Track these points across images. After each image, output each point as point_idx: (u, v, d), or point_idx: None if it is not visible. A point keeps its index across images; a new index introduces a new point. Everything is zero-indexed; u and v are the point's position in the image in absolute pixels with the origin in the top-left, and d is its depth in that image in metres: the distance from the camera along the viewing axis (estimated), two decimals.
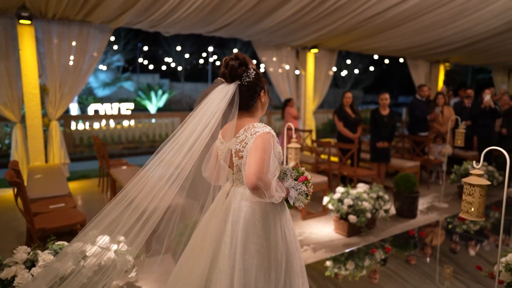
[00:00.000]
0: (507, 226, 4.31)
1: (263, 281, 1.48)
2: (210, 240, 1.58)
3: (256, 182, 1.38)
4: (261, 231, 1.51)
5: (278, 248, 1.53)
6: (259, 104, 1.65)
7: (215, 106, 1.54)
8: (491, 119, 6.28)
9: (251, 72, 1.59)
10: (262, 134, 1.49)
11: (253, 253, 1.49)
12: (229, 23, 5.89)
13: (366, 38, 7.35)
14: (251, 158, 1.44)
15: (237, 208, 1.54)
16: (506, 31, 7.37)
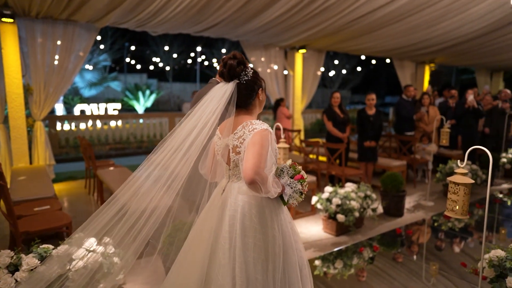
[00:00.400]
0: (490, 223, 4.42)
1: (261, 273, 1.52)
2: (207, 236, 1.61)
3: (253, 177, 1.42)
4: (257, 225, 1.54)
5: (275, 241, 1.57)
6: (257, 102, 1.70)
7: (214, 104, 1.58)
8: (474, 119, 6.42)
9: (249, 71, 1.63)
10: (260, 130, 1.53)
11: (251, 247, 1.53)
12: (217, 23, 5.87)
13: (354, 38, 7.43)
14: (248, 153, 1.47)
15: (234, 203, 1.57)
16: (488, 33, 7.55)
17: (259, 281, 1.52)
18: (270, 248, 1.55)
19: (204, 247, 1.60)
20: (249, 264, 1.52)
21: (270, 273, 1.54)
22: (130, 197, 1.69)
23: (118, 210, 1.69)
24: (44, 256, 2.18)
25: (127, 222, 1.70)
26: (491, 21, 6.79)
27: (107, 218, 1.68)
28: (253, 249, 1.53)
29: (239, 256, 1.51)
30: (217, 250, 1.57)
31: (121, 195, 1.70)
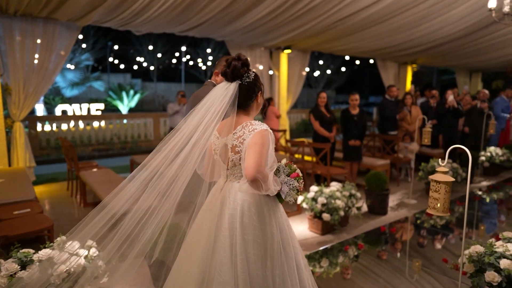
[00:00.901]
0: (470, 220, 4.54)
1: (261, 269, 1.58)
2: (206, 234, 1.64)
3: (255, 175, 1.48)
4: (257, 222, 1.59)
5: (273, 238, 1.62)
6: (255, 104, 1.74)
7: (218, 104, 1.61)
8: (454, 118, 6.59)
9: (251, 73, 1.69)
10: (260, 130, 1.59)
11: (251, 244, 1.58)
12: (202, 23, 5.84)
13: (338, 39, 7.51)
14: (250, 152, 1.53)
15: (233, 202, 1.62)
16: (467, 35, 7.76)
17: (260, 277, 1.57)
18: (268, 245, 1.61)
19: (203, 246, 1.63)
20: (250, 260, 1.57)
21: (269, 269, 1.59)
22: (126, 202, 1.70)
23: (112, 215, 1.70)
24: (24, 261, 2.12)
25: (117, 226, 1.69)
26: (469, 23, 6.98)
27: (101, 223, 1.68)
28: (253, 245, 1.58)
29: (240, 253, 1.56)
30: (217, 249, 1.60)
31: (116, 201, 1.70)
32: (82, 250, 2.40)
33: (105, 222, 1.66)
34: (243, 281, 1.53)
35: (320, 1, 5.42)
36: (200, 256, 1.63)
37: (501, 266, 2.19)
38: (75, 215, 4.60)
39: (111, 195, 1.71)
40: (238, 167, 1.64)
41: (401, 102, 6.56)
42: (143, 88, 24.04)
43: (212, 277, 1.58)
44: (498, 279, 2.17)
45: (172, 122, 6.86)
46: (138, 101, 21.90)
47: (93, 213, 1.69)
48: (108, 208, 1.69)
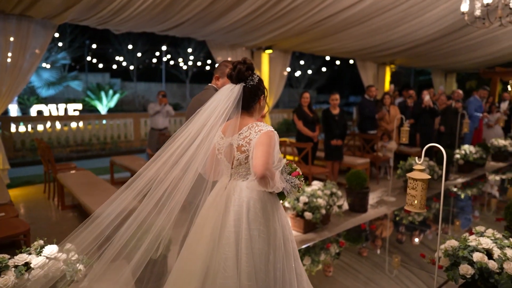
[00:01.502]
0: (446, 216, 4.69)
1: (265, 263, 1.66)
2: (210, 231, 1.69)
3: (264, 172, 1.57)
4: (262, 218, 1.68)
5: (276, 233, 1.72)
6: (258, 106, 1.82)
7: (224, 104, 1.69)
8: (430, 118, 6.79)
9: (255, 77, 1.77)
10: (267, 131, 1.67)
11: (256, 239, 1.66)
12: (182, 22, 5.79)
13: (319, 39, 7.61)
14: (258, 151, 1.61)
15: (238, 199, 1.69)
16: (441, 37, 8.02)
17: (263, 271, 1.64)
18: (271, 240, 1.69)
19: (207, 242, 1.68)
20: (255, 255, 1.64)
21: (271, 263, 1.67)
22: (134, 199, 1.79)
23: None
24: None
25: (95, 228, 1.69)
26: (444, 26, 7.21)
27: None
28: (257, 240, 1.66)
29: (246, 247, 1.63)
30: (221, 244, 1.66)
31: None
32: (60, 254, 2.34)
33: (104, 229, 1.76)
34: (248, 275, 1.60)
35: (301, 2, 5.47)
36: (203, 252, 1.68)
37: (474, 259, 2.28)
38: (52, 218, 4.48)
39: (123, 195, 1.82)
40: (243, 166, 1.71)
41: (380, 102, 6.71)
42: (122, 88, 23.59)
43: (216, 272, 1.64)
44: (471, 272, 2.26)
45: (153, 122, 6.77)
46: (118, 101, 21.47)
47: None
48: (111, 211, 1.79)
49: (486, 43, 9.31)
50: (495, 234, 2.51)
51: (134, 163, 5.45)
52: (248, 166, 1.69)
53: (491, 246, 2.34)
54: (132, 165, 5.30)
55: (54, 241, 2.40)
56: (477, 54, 10.36)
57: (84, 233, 1.75)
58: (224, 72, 2.29)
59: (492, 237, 2.48)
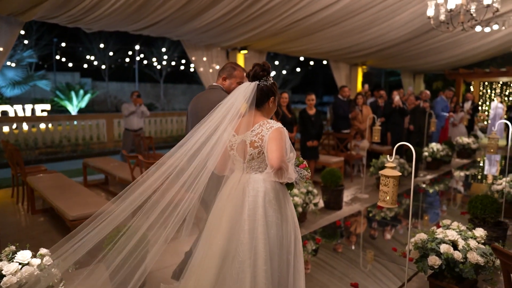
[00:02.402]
0: (416, 211, 4.91)
1: (279, 247, 1.81)
2: (227, 220, 1.83)
3: (280, 164, 1.73)
4: (276, 206, 1.83)
5: (288, 220, 1.88)
6: (268, 106, 1.95)
7: (241, 99, 1.85)
8: (400, 117, 7.07)
9: (269, 79, 1.93)
10: (277, 128, 1.83)
11: (271, 225, 1.80)
12: (157, 22, 5.72)
13: (293, 40, 7.72)
14: (272, 146, 1.76)
15: (253, 190, 1.83)
16: (410, 40, 8.35)
17: (277, 255, 1.80)
18: (284, 226, 1.85)
19: (224, 230, 1.81)
20: (271, 240, 1.78)
21: (285, 247, 1.84)
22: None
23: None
24: None
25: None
26: (412, 29, 7.52)
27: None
28: (272, 226, 1.80)
29: (263, 233, 1.76)
30: (236, 231, 1.80)
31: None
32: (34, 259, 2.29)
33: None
34: (264, 259, 1.73)
35: (276, 3, 5.55)
36: (222, 239, 1.81)
37: (441, 251, 2.42)
38: (22, 223, 4.32)
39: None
40: (256, 160, 1.85)
41: (353, 102, 6.91)
42: (93, 87, 22.87)
43: (233, 257, 1.78)
44: (439, 263, 2.40)
45: (127, 123, 6.64)
46: (89, 101, 20.83)
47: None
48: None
49: (450, 46, 9.78)
50: (460, 227, 2.68)
51: (108, 165, 5.34)
52: (261, 160, 1.84)
53: (456, 238, 2.50)
54: (106, 167, 5.19)
55: (27, 247, 2.34)
56: (442, 56, 10.86)
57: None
58: (232, 73, 2.47)
59: (457, 229, 2.64)
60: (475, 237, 2.58)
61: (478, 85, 13.86)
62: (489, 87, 13.93)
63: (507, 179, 4.29)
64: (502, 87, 13.63)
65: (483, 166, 8.39)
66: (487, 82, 13.85)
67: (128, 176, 4.41)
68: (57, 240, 3.70)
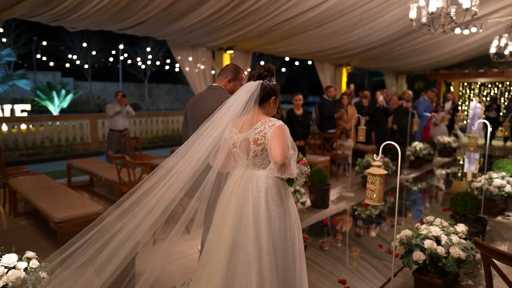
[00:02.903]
0: (400, 208, 5.03)
1: (283, 240, 1.89)
2: (232, 215, 1.90)
3: (284, 160, 1.80)
4: (278, 201, 1.90)
5: (290, 213, 1.96)
6: (269, 104, 2.04)
7: (245, 96, 1.94)
8: (384, 117, 7.21)
9: (272, 80, 2.03)
10: (279, 125, 1.91)
11: (274, 219, 1.88)
12: (142, 21, 5.67)
13: (279, 41, 7.78)
14: (275, 143, 1.84)
15: (256, 186, 1.91)
16: (393, 41, 8.54)
17: (282, 247, 1.89)
18: (287, 219, 1.93)
19: (230, 224, 1.90)
20: (275, 234, 1.86)
21: (288, 240, 1.92)
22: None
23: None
24: None
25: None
26: (394, 30, 7.69)
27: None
28: (275, 220, 1.88)
29: (266, 227, 1.84)
30: (242, 225, 1.87)
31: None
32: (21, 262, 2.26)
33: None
34: (268, 252, 1.82)
35: (262, 4, 5.59)
36: (229, 232, 1.89)
37: (425, 246, 2.50)
38: (4, 226, 4.22)
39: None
40: (259, 156, 1.92)
41: (338, 102, 7.01)
42: (75, 87, 22.39)
43: (240, 249, 1.86)
44: (423, 258, 2.48)
45: (112, 123, 6.55)
46: (71, 101, 20.40)
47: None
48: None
49: (431, 47, 10.05)
50: (443, 223, 2.77)
51: (94, 166, 5.26)
52: (264, 157, 1.92)
53: (439, 234, 2.59)
54: (92, 168, 5.11)
55: (13, 250, 2.30)
56: (424, 57, 11.14)
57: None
58: (237, 76, 2.58)
59: (440, 225, 2.73)
60: (457, 232, 2.68)
61: (457, 85, 14.26)
62: (468, 87, 14.35)
63: (486, 176, 4.45)
64: (480, 88, 14.06)
65: (463, 164, 8.65)
66: (466, 83, 14.26)
67: (115, 177, 4.36)
68: (41, 243, 3.66)
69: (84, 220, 3.09)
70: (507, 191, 4.28)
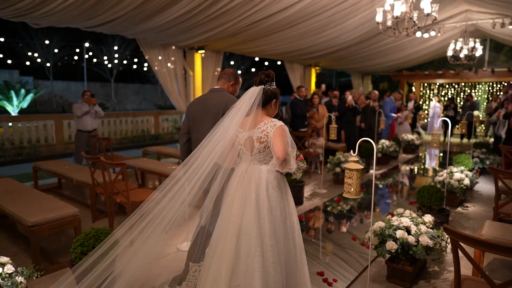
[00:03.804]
0: (369, 202, 5.26)
1: (283, 226, 2.14)
2: (238, 204, 2.13)
3: (285, 156, 2.04)
4: (278, 192, 2.14)
5: (289, 204, 2.21)
6: (270, 106, 2.25)
7: (249, 100, 2.18)
8: (353, 116, 7.49)
9: (273, 84, 2.26)
10: (280, 125, 2.13)
11: (275, 207, 2.12)
12: (113, 20, 5.54)
13: (250, 41, 7.86)
14: (277, 141, 2.06)
15: (258, 178, 2.14)
16: (360, 42, 8.88)
17: (282, 233, 2.12)
18: (286, 209, 2.18)
19: (236, 213, 2.11)
20: (276, 220, 2.10)
21: (288, 226, 2.16)
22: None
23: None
24: None
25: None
26: (362, 32, 8.01)
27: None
28: (276, 209, 2.12)
29: (268, 214, 2.09)
30: (246, 213, 2.10)
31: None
32: None
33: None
34: (269, 236, 2.06)
35: (235, 4, 5.63)
36: (235, 220, 2.11)
37: (397, 236, 2.67)
38: None
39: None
40: (262, 153, 2.16)
41: (309, 101, 7.19)
42: (36, 86, 21.29)
43: (244, 234, 2.07)
44: (396, 247, 2.64)
45: (81, 124, 6.33)
46: (31, 101, 19.39)
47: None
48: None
49: (395, 49, 10.55)
50: (412, 214, 2.96)
51: (63, 168, 5.08)
52: (266, 153, 2.15)
53: (409, 224, 2.77)
54: (61, 170, 4.93)
55: None
56: (387, 58, 11.66)
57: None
58: (238, 80, 2.86)
59: (409, 216, 2.92)
60: (424, 222, 2.87)
61: (419, 86, 15.03)
62: (428, 88, 15.16)
63: (447, 171, 4.77)
64: (439, 88, 14.91)
65: (425, 160, 9.16)
66: (426, 83, 15.06)
67: (87, 178, 4.25)
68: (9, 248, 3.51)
69: (59, 223, 3.00)
70: (465, 183, 4.62)
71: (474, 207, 4.90)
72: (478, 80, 13.46)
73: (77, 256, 2.42)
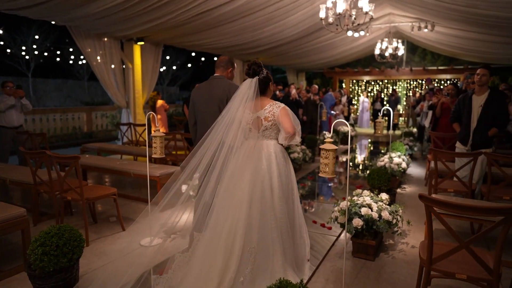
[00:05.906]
0: (313, 190, 5.53)
1: (288, 191, 2.57)
2: (249, 172, 2.46)
3: (294, 131, 2.47)
4: (285, 161, 2.60)
5: (291, 171, 2.65)
6: (269, 90, 2.63)
7: (245, 91, 2.51)
8: (297, 108, 7.78)
9: (264, 71, 2.59)
10: (284, 107, 2.55)
11: (282, 173, 2.53)
12: (42, 2, 5.00)
13: (192, 34, 7.69)
14: (284, 119, 2.48)
15: (267, 151, 2.55)
16: (299, 39, 9.24)
17: (286, 192, 2.55)
18: (290, 176, 2.62)
19: (248, 180, 2.44)
20: (283, 184, 2.52)
21: (289, 189, 2.60)
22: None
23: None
24: None
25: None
26: (302, 29, 8.34)
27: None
28: (283, 175, 2.54)
29: (278, 181, 2.48)
30: (258, 180, 2.45)
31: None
32: None
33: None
34: (279, 198, 2.47)
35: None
36: (247, 187, 2.43)
37: (362, 213, 2.87)
38: None
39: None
40: (269, 130, 2.56)
41: None
42: None
43: (256, 198, 2.41)
44: (361, 223, 2.84)
45: (4, 119, 5.57)
46: None
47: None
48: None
49: (329, 47, 11.19)
50: (370, 194, 3.20)
51: None
52: (271, 130, 2.55)
53: (371, 202, 2.99)
54: None
55: None
56: (322, 55, 12.32)
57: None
58: (234, 66, 3.17)
59: (369, 196, 3.15)
60: (382, 200, 3.13)
61: (348, 82, 16.15)
62: (356, 84, 16.36)
63: (387, 156, 5.22)
64: (366, 85, 16.18)
65: (360, 149, 9.90)
66: (355, 80, 16.24)
67: (25, 177, 3.79)
68: None
69: (3, 225, 2.64)
70: (403, 167, 5.11)
71: (410, 187, 5.46)
72: (399, 78, 14.93)
73: (37, 258, 2.17)
